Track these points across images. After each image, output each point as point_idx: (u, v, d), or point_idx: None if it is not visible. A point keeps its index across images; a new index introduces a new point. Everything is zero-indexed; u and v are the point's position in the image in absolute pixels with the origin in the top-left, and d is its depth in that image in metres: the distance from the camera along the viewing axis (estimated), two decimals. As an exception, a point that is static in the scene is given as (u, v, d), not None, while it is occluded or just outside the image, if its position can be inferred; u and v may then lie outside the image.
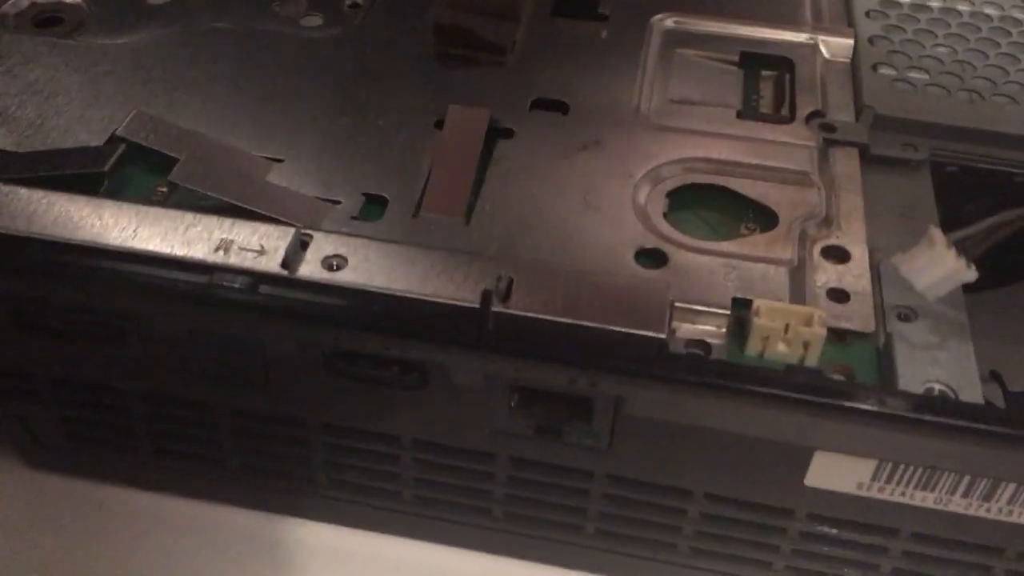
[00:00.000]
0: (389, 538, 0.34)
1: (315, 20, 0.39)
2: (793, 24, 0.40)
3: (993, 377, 0.31)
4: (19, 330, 0.29)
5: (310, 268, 0.27)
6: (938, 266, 0.25)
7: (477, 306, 0.26)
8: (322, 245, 0.28)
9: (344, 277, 0.27)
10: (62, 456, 0.34)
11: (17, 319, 0.29)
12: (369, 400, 0.29)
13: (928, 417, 0.25)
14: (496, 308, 0.26)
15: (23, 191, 0.29)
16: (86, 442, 0.33)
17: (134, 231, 0.28)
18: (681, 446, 0.28)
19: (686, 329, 0.28)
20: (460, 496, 0.32)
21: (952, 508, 0.27)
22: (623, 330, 0.26)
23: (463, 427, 0.29)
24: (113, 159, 0.30)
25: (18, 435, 0.34)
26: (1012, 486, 0.26)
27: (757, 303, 0.28)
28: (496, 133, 0.33)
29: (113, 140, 0.31)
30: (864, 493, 0.28)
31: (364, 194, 0.31)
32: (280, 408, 0.30)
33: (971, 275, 0.25)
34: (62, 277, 0.27)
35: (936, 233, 0.25)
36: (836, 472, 0.28)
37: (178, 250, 0.27)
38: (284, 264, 0.27)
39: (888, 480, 0.27)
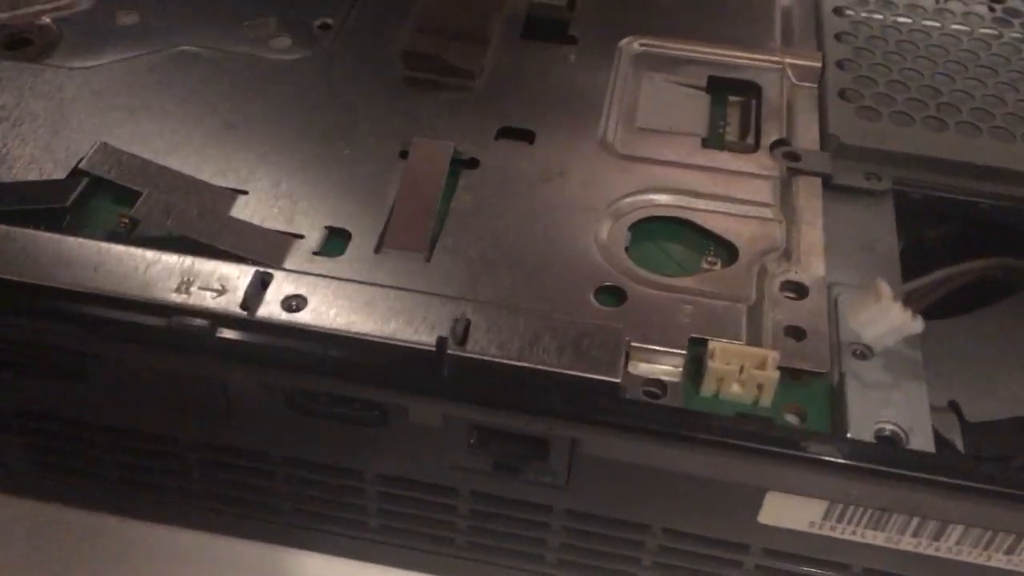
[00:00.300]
0: (354, 563, 0.34)
1: (284, 42, 0.39)
2: (762, 48, 0.40)
3: (952, 408, 0.31)
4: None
5: (269, 309, 0.27)
6: (885, 319, 0.25)
7: (434, 348, 0.26)
8: (282, 284, 0.28)
9: (303, 318, 0.27)
10: (27, 480, 0.34)
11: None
12: (331, 435, 0.29)
13: (873, 466, 0.25)
14: (452, 351, 0.26)
15: (-14, 228, 0.29)
16: (51, 469, 0.34)
17: (95, 270, 0.28)
18: (638, 483, 0.29)
19: (643, 368, 0.28)
20: (424, 526, 0.32)
21: (903, 547, 0.28)
22: (578, 374, 0.26)
23: (424, 462, 0.30)
24: (75, 194, 0.30)
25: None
26: (960, 527, 0.27)
27: (712, 345, 0.28)
28: (461, 164, 0.33)
29: (76, 173, 0.31)
30: (816, 531, 0.28)
31: (327, 227, 0.31)
32: (243, 442, 0.30)
33: (917, 327, 0.25)
34: (21, 317, 0.28)
35: (883, 287, 0.25)
36: (788, 511, 0.28)
37: (138, 291, 0.28)
38: (243, 305, 0.27)
39: (839, 520, 0.28)
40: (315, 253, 0.30)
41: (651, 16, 0.41)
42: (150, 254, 0.29)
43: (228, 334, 0.27)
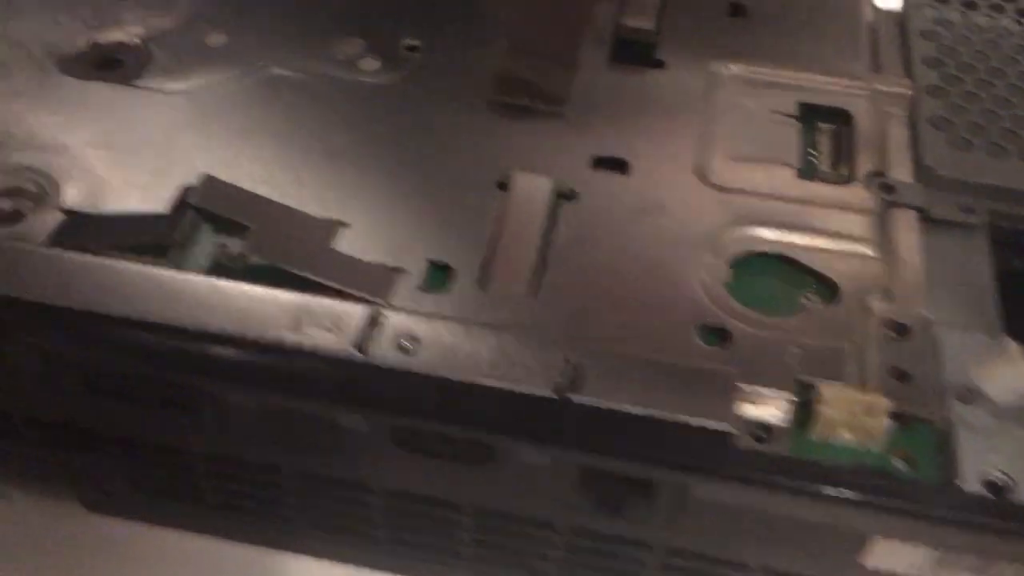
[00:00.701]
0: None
1: (373, 64, 0.39)
2: (850, 73, 0.39)
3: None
4: (91, 394, 0.30)
5: (382, 349, 0.28)
6: (1012, 378, 0.25)
7: (550, 395, 0.26)
8: (394, 323, 0.28)
9: (417, 360, 0.27)
10: (125, 502, 0.35)
11: (90, 384, 0.30)
12: (433, 470, 0.29)
13: (981, 519, 0.25)
14: (567, 396, 0.27)
15: (94, 261, 0.29)
16: (150, 492, 0.34)
17: (207, 308, 0.28)
18: (741, 523, 0.29)
19: (749, 410, 0.28)
20: (519, 558, 0.32)
21: (1010, 593, 0.28)
22: (690, 421, 0.27)
23: (525, 498, 0.30)
24: (183, 228, 0.31)
25: (80, 483, 0.35)
26: (1071, 579, 0.27)
27: (821, 389, 0.28)
28: (559, 195, 0.33)
29: (182, 205, 0.32)
30: (920, 574, 0.28)
31: (429, 261, 0.31)
32: (345, 473, 0.31)
33: (1044, 386, 0.25)
34: (134, 354, 0.28)
35: (1010, 344, 0.25)
36: (893, 555, 0.28)
37: (251, 329, 0.28)
38: (357, 346, 0.27)
39: (943, 565, 0.28)
40: (420, 288, 0.30)
41: (737, 39, 0.41)
42: (260, 290, 0.29)
43: (342, 375, 0.27)
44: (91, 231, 0.31)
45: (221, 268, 0.31)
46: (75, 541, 0.35)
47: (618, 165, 0.35)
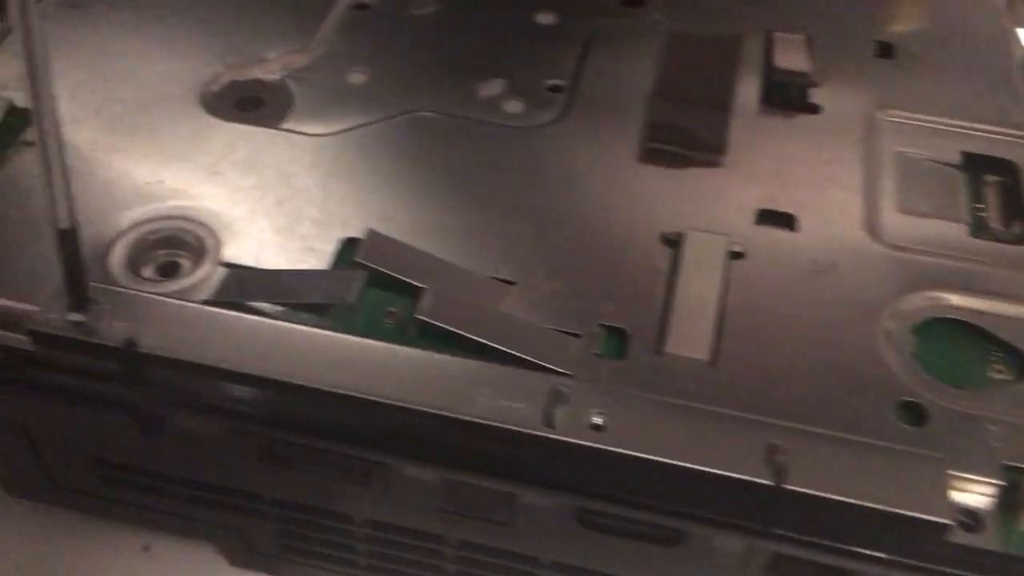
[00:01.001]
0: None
1: (517, 105, 0.38)
2: (1010, 121, 0.38)
3: None
4: (260, 460, 0.29)
5: (570, 427, 0.26)
6: None
7: (761, 482, 0.25)
8: (580, 396, 0.27)
9: (608, 439, 0.26)
10: (271, 559, 0.34)
11: (262, 452, 0.29)
12: (614, 549, 0.28)
13: None
14: (768, 482, 0.25)
15: (266, 323, 0.28)
16: (302, 553, 0.33)
17: (383, 376, 0.27)
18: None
19: (954, 497, 0.27)
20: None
21: None
22: (901, 512, 0.25)
23: (707, 577, 0.29)
24: (353, 288, 0.30)
25: (228, 540, 0.34)
26: None
27: (1032, 477, 0.26)
28: (728, 254, 0.32)
29: (350, 263, 0.30)
30: None
31: (602, 325, 0.30)
32: (518, 546, 0.30)
33: None
34: (304, 423, 0.27)
35: None
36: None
37: (432, 400, 0.27)
38: (545, 421, 0.26)
39: None
40: (596, 355, 0.29)
41: (889, 80, 0.39)
42: (437, 357, 0.28)
43: (527, 451, 0.26)
44: (254, 288, 0.30)
45: (386, 330, 0.30)
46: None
47: (785, 220, 0.34)
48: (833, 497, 0.25)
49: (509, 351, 0.28)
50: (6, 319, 0.29)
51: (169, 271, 0.31)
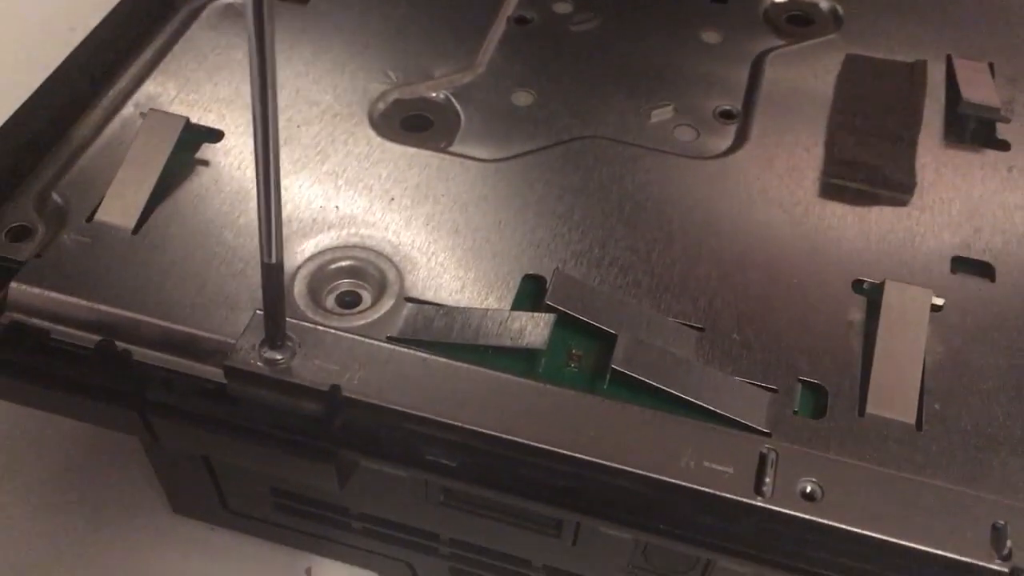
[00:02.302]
0: None
1: (688, 132, 0.37)
2: None
3: None
4: (444, 504, 0.29)
5: (783, 496, 0.25)
6: None
7: (985, 566, 0.24)
8: (788, 463, 0.26)
9: (822, 511, 0.25)
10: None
11: (448, 496, 0.28)
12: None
13: None
14: (998, 567, 0.24)
15: (461, 368, 0.28)
16: (469, 589, 0.33)
17: (589, 432, 0.26)
18: None
19: None
20: None
21: None
22: None
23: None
24: (548, 334, 0.29)
25: (396, 571, 0.34)
26: None
27: None
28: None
29: (543, 306, 0.30)
30: None
31: (800, 380, 0.29)
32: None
33: None
34: (506, 479, 0.26)
35: None
36: None
37: (635, 459, 0.26)
38: (757, 490, 0.25)
39: None
40: (795, 412, 0.28)
41: (1081, 115, 0.37)
42: (636, 410, 0.27)
43: (734, 519, 0.25)
44: (441, 326, 0.29)
45: (570, 373, 0.29)
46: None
47: (984, 270, 0.32)
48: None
49: (705, 406, 0.28)
50: (194, 349, 0.29)
51: (350, 303, 0.31)
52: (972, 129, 0.37)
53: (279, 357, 0.27)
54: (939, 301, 0.31)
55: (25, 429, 0.39)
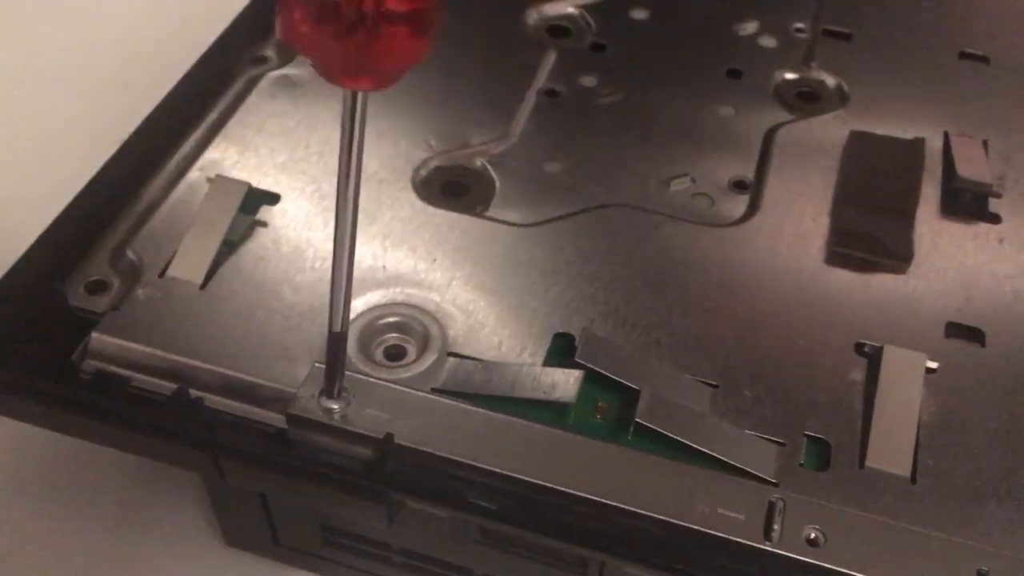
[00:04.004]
0: None
1: (704, 201, 0.40)
2: None
3: None
4: (481, 543, 0.32)
5: (790, 541, 0.28)
6: None
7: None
8: (796, 509, 0.29)
9: (824, 556, 0.28)
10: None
11: (484, 535, 0.31)
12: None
13: None
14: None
15: (499, 418, 0.31)
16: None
17: (615, 479, 0.29)
18: None
19: None
20: None
21: None
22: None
23: None
24: (576, 389, 0.32)
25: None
26: None
27: None
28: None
29: (575, 365, 0.33)
30: None
31: (806, 435, 0.32)
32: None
33: None
34: (537, 520, 0.29)
35: None
36: None
37: (653, 505, 0.29)
38: (766, 535, 0.28)
39: None
40: (801, 464, 0.31)
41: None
42: (659, 461, 0.30)
43: (742, 562, 0.28)
44: (479, 380, 0.32)
45: (595, 425, 0.32)
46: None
47: (975, 335, 0.35)
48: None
49: (719, 456, 0.30)
50: (256, 397, 0.32)
51: (396, 355, 0.34)
52: (966, 202, 0.40)
53: (335, 406, 0.30)
54: (933, 364, 0.34)
55: (85, 463, 0.42)
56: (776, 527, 0.28)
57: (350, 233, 0.27)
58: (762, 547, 0.28)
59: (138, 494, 0.41)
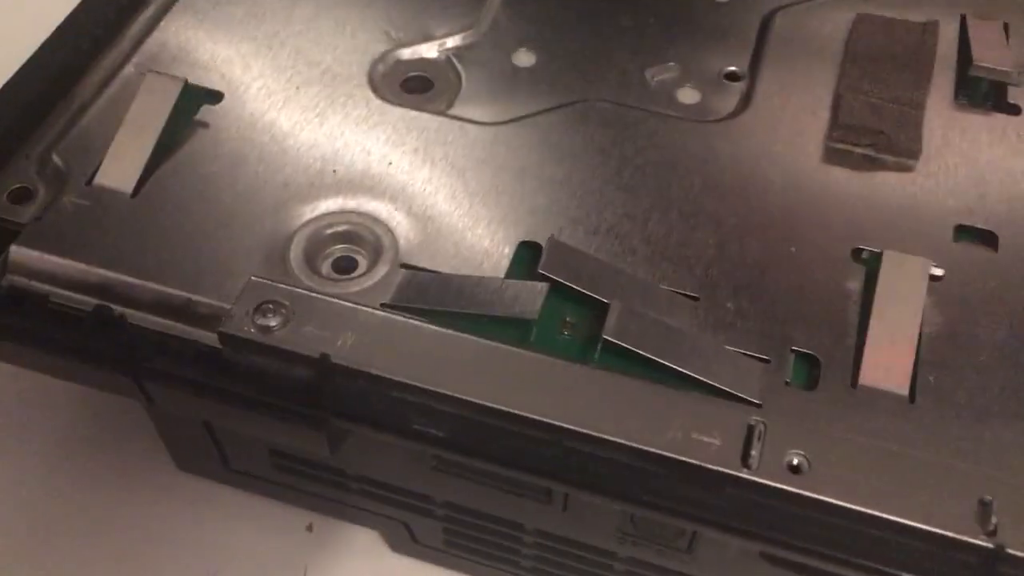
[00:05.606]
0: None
1: (693, 95, 0.36)
2: None
3: None
4: (436, 470, 0.29)
5: (770, 468, 0.26)
6: None
7: (969, 541, 0.24)
8: (778, 434, 0.26)
9: (807, 484, 0.25)
10: (431, 550, 0.35)
11: (440, 462, 0.29)
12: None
13: None
14: (982, 543, 0.24)
15: (452, 336, 0.28)
16: (466, 550, 0.33)
17: (576, 402, 0.27)
18: None
19: None
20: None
21: None
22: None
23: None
24: (540, 303, 0.29)
25: (392, 530, 0.34)
26: None
27: None
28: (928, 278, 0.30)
29: (537, 276, 0.30)
30: None
31: (793, 351, 0.29)
32: (696, 571, 0.29)
33: None
34: (493, 449, 0.26)
35: None
36: None
37: (625, 431, 0.26)
38: (743, 461, 0.25)
39: None
40: (786, 383, 0.28)
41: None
42: (625, 380, 0.27)
43: (718, 490, 0.25)
44: (434, 294, 0.29)
45: (563, 341, 0.29)
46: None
47: (987, 238, 0.32)
48: (1051, 564, 0.24)
49: (697, 376, 0.28)
50: (190, 314, 0.29)
51: (346, 268, 0.31)
52: (983, 92, 0.36)
53: (272, 323, 0.27)
54: (939, 271, 0.30)
55: (33, 388, 0.40)
56: (754, 453, 0.26)
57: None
58: (738, 474, 0.25)
59: (90, 416, 0.39)
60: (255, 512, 0.36)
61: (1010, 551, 0.24)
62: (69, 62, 0.36)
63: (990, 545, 0.24)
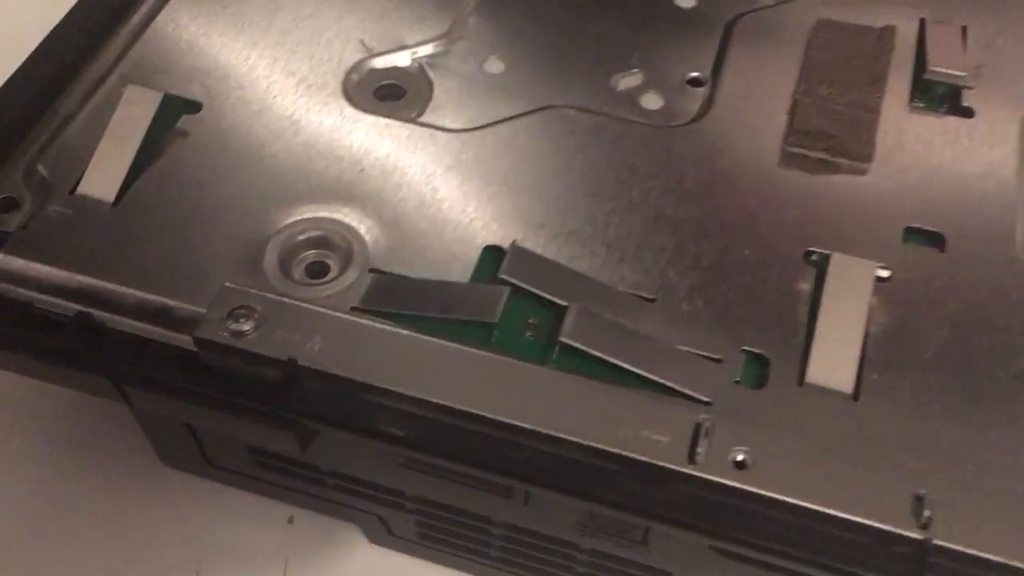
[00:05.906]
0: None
1: (655, 100, 0.37)
2: None
3: None
4: (404, 467, 0.30)
5: (715, 465, 0.27)
6: None
7: (911, 536, 0.25)
8: (724, 431, 0.27)
9: (752, 480, 0.27)
10: (405, 542, 0.36)
11: (408, 461, 0.30)
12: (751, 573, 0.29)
13: None
14: (914, 535, 0.25)
15: (420, 340, 0.29)
16: (439, 541, 0.35)
17: (533, 402, 0.28)
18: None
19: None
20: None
21: None
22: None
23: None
24: (501, 306, 0.30)
25: (364, 521, 0.36)
26: None
27: None
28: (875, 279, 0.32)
29: (498, 280, 0.31)
30: None
31: (744, 350, 0.30)
32: (652, 561, 0.31)
33: None
34: (454, 449, 0.28)
35: None
36: None
37: (580, 431, 0.27)
38: (690, 458, 0.27)
39: None
40: (736, 382, 0.29)
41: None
42: (583, 382, 0.28)
43: (665, 486, 0.27)
44: (401, 298, 0.31)
45: (525, 342, 0.30)
46: (356, 567, 0.37)
47: (934, 239, 0.33)
48: (982, 555, 0.25)
49: (649, 376, 0.29)
50: (168, 319, 0.31)
51: (318, 272, 0.32)
52: (939, 95, 0.37)
53: (245, 328, 0.29)
54: (885, 273, 0.32)
55: (17, 385, 0.41)
56: (700, 450, 0.27)
57: None
58: (685, 471, 0.27)
59: (76, 414, 0.40)
60: (238, 505, 0.38)
61: (938, 542, 0.25)
62: (55, 73, 0.37)
63: (922, 537, 0.25)
